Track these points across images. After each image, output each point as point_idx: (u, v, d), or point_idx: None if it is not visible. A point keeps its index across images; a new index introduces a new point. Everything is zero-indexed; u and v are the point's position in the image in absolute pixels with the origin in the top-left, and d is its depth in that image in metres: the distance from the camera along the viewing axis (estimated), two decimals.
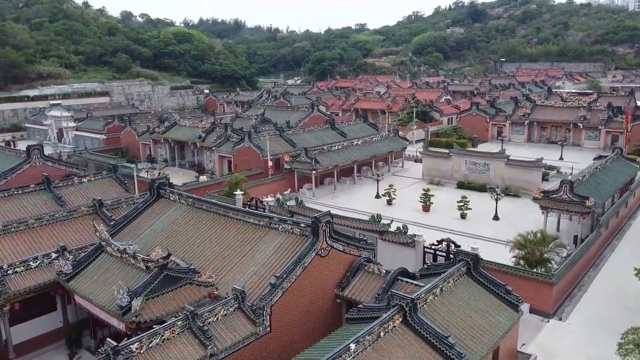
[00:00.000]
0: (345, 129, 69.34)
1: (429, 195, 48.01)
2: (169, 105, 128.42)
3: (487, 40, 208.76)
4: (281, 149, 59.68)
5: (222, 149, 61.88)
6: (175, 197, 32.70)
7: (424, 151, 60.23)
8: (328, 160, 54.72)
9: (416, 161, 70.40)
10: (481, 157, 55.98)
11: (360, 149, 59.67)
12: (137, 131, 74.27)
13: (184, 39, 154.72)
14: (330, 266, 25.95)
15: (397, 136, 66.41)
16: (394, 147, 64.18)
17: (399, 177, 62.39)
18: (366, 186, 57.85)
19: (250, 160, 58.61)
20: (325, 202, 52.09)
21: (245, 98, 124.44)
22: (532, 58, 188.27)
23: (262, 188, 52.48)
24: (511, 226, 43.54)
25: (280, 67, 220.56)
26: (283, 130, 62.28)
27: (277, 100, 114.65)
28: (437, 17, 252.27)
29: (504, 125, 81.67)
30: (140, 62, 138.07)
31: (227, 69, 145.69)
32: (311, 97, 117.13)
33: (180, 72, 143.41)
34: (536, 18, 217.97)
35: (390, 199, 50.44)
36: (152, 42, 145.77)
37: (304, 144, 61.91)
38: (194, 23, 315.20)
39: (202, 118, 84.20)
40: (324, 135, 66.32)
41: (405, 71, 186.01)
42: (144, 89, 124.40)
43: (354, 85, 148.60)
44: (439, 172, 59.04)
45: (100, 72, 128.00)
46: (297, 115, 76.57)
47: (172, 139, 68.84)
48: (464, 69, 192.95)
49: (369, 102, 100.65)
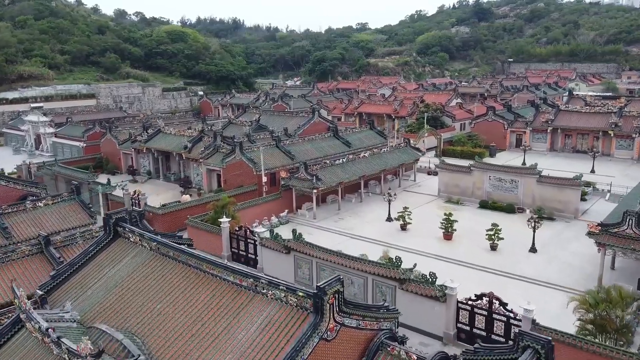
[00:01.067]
0: (349, 138, 61.91)
1: (451, 220, 40.52)
2: (160, 108, 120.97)
3: (494, 39, 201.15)
4: (277, 162, 52.25)
5: (211, 162, 54.48)
6: (136, 239, 25.25)
7: (441, 165, 52.77)
8: (331, 176, 47.28)
9: (429, 173, 63.03)
10: (508, 172, 48.51)
11: (368, 163, 52.20)
12: (118, 139, 66.82)
13: (178, 38, 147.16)
14: (338, 350, 18.47)
15: (409, 146, 58.95)
16: (406, 159, 56.73)
17: (411, 194, 54.93)
18: (375, 205, 50.43)
19: (242, 175, 51.19)
20: (329, 225, 44.68)
21: (241, 100, 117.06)
22: (541, 58, 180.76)
23: (254, 210, 45.06)
24: (552, 261, 36.19)
25: (280, 68, 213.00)
26: (280, 140, 54.86)
27: (275, 102, 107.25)
28: (441, 16, 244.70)
29: (523, 133, 74.22)
30: (131, 62, 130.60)
31: (223, 69, 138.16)
32: (311, 100, 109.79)
33: (173, 73, 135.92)
34: (544, 17, 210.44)
35: (405, 223, 42.97)
36: (144, 41, 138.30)
37: (304, 156, 54.52)
38: (192, 22, 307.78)
39: (192, 123, 76.79)
40: (326, 145, 58.89)
41: (409, 72, 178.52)
42: (134, 90, 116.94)
43: (357, 87, 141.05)
44: (458, 189, 51.61)
45: (87, 72, 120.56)
46: (295, 122, 69.15)
47: (156, 148, 61.38)
48: (471, 69, 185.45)
49: (373, 106, 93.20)
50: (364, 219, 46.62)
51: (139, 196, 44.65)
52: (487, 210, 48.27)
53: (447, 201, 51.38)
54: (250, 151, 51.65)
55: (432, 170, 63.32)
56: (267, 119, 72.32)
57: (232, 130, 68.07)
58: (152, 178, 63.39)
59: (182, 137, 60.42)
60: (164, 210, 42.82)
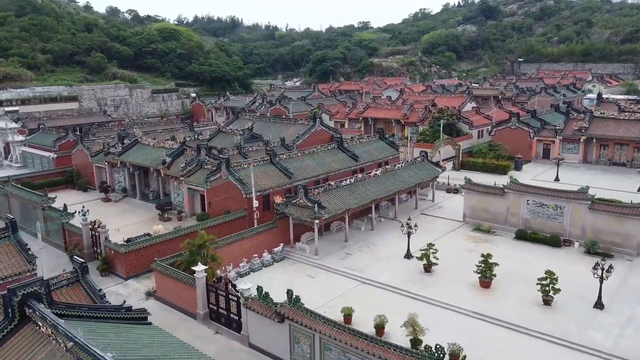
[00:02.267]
0: (357, 150, 53.32)
1: (490, 264, 31.87)
2: (149, 112, 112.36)
3: (502, 38, 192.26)
4: (272, 181, 43.65)
5: (193, 180, 45.93)
6: (48, 330, 16.70)
7: (467, 185, 44.15)
8: (337, 202, 38.67)
9: (448, 191, 54.49)
10: (552, 196, 39.88)
11: (381, 183, 43.57)
12: (91, 150, 58.23)
13: (170, 36, 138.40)
14: None
15: (427, 161, 50.32)
16: (424, 176, 48.10)
17: (431, 219, 46.32)
18: (389, 233, 41.92)
19: (229, 199, 42.62)
20: (334, 265, 36.10)
21: (236, 103, 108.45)
22: (553, 58, 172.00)
23: (242, 245, 36.50)
24: (630, 324, 27.57)
25: (279, 68, 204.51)
26: (275, 155, 46.22)
27: (272, 106, 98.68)
28: (446, 15, 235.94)
29: (552, 142, 65.61)
30: (119, 62, 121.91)
31: (218, 69, 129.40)
32: (312, 103, 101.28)
33: (164, 74, 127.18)
34: (555, 15, 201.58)
35: (429, 264, 34.36)
36: (133, 40, 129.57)
37: (304, 174, 46.00)
38: (189, 21, 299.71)
39: (178, 130, 68.20)
40: (330, 159, 50.27)
41: (414, 72, 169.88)
42: (120, 92, 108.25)
43: (360, 89, 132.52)
44: (488, 214, 43.03)
45: (71, 73, 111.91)
46: (294, 130, 60.59)
47: (131, 163, 52.76)
48: (479, 70, 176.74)
49: (380, 111, 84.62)
50: (377, 254, 37.99)
51: (99, 228, 36.02)
52: (526, 242, 39.73)
53: (475, 229, 42.80)
54: (240, 169, 43.04)
55: (451, 187, 54.78)
56: (262, 127, 63.75)
57: (221, 141, 59.57)
58: (128, 196, 54.81)
59: (161, 149, 51.80)
60: (128, 247, 34.20)
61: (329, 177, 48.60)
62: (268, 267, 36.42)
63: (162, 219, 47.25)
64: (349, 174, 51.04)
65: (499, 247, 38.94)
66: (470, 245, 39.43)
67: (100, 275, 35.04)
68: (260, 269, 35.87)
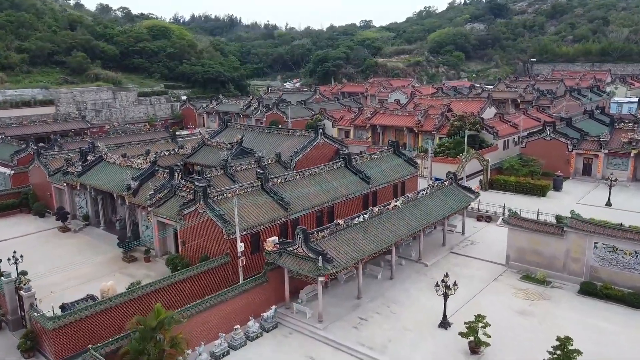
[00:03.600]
0: (368, 169, 43.72)
1: (570, 353, 22.21)
2: (134, 116, 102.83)
3: (513, 37, 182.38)
4: (263, 214, 34.06)
5: (163, 212, 36.37)
6: None
7: (512, 220, 34.54)
8: (347, 249, 29.06)
9: (479, 219, 44.98)
10: (631, 239, 30.29)
11: (402, 218, 33.96)
12: (49, 167, 48.64)
13: (160, 35, 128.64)
14: None
15: (456, 184, 40.76)
16: (454, 205, 38.52)
17: (463, 259, 36.76)
18: (414, 284, 32.54)
19: (207, 238, 33.05)
20: (344, 339, 26.57)
21: (229, 107, 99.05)
22: (568, 58, 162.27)
23: (221, 310, 27.14)
24: None
25: (277, 68, 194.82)
26: (268, 179, 36.60)
27: (269, 111, 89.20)
28: (452, 13, 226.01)
29: (595, 156, 56.00)
30: (103, 62, 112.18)
31: (211, 70, 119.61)
32: (313, 107, 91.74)
33: (152, 75, 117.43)
34: (567, 13, 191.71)
35: (478, 342, 24.75)
36: (120, 38, 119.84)
37: (303, 203, 36.48)
38: (185, 20, 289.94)
39: (157, 142, 58.61)
40: (336, 182, 40.65)
41: (421, 73, 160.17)
42: (102, 95, 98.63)
43: (365, 91, 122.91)
44: (541, 259, 33.49)
45: (49, 74, 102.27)
46: (292, 143, 51.02)
47: (92, 186, 43.18)
48: (490, 70, 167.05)
49: (390, 117, 74.98)
50: (402, 319, 28.41)
51: (22, 290, 26.42)
52: (596, 299, 30.20)
53: (524, 277, 33.24)
54: (221, 199, 33.48)
55: (483, 214, 45.18)
56: (255, 139, 54.19)
57: (206, 156, 50.04)
58: (91, 224, 45.26)
59: (128, 169, 42.19)
60: (59, 321, 24.56)
61: (334, 206, 39.14)
62: (255, 340, 26.91)
63: (126, 259, 37.72)
64: (359, 201, 41.54)
65: (561, 307, 29.45)
66: (523, 305, 29.86)
67: (22, 357, 25.46)
68: (243, 345, 26.36)
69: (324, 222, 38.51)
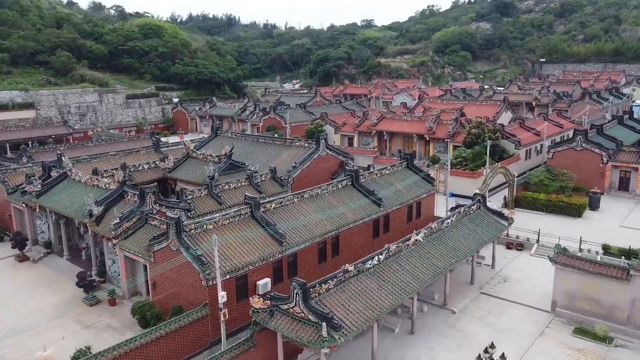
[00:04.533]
0: (379, 188, 37.06)
1: None
2: (122, 120, 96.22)
3: (521, 37, 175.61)
4: (252, 251, 27.41)
5: (131, 246, 29.74)
6: None
7: (559, 257, 27.90)
8: (359, 306, 22.42)
9: (509, 247, 38.43)
10: None
11: (424, 256, 27.30)
12: (7, 184, 41.95)
13: (152, 33, 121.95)
14: None
15: (484, 208, 34.15)
16: (485, 236, 31.86)
17: (497, 303, 30.11)
18: (440, 341, 25.96)
19: (181, 282, 26.42)
20: None
21: (223, 111, 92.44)
22: (579, 58, 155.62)
23: None
24: None
25: (276, 69, 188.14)
26: (258, 205, 29.94)
27: (266, 115, 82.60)
28: (456, 11, 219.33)
29: (634, 169, 49.35)
30: (91, 62, 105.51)
31: (205, 70, 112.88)
32: (313, 111, 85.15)
33: (143, 76, 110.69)
34: (577, 11, 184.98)
35: None
36: (109, 37, 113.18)
37: (301, 234, 29.91)
38: (183, 19, 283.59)
39: (138, 153, 51.92)
40: (342, 206, 33.97)
41: (426, 74, 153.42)
42: (88, 98, 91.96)
43: (368, 93, 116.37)
44: (598, 308, 26.90)
45: (31, 75, 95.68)
46: (290, 155, 44.35)
47: (51, 209, 36.54)
48: (497, 71, 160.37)
49: (398, 123, 68.33)
50: None
51: None
52: None
53: (577, 331, 26.64)
54: (200, 231, 26.90)
55: (514, 241, 38.57)
56: (247, 150, 47.54)
57: (190, 170, 43.45)
58: (54, 252, 38.62)
59: (95, 189, 35.56)
60: None
61: (340, 235, 32.54)
62: None
63: (87, 301, 31.10)
64: (369, 228, 34.98)
65: None
66: None
67: None
68: None
69: (327, 256, 31.98)
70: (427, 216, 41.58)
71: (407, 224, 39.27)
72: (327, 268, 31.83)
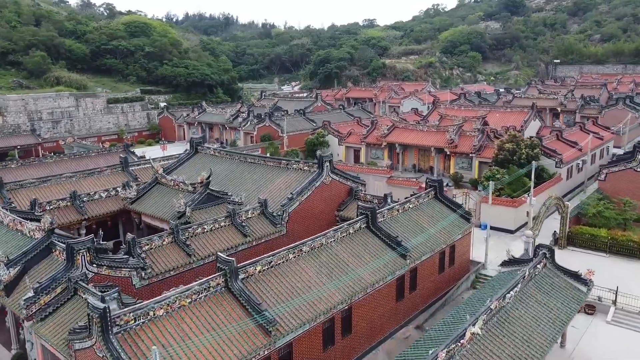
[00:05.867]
0: (401, 230, 27.63)
1: None
2: (102, 128, 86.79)
3: (533, 36, 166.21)
4: (224, 349, 17.87)
5: (48, 333, 20.27)
6: None
7: None
8: None
9: (588, 311, 28.82)
10: None
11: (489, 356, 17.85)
12: None
13: (139, 32, 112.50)
14: None
15: (551, 264, 24.74)
16: (564, 314, 22.34)
17: None
18: None
19: None
20: None
21: (214, 117, 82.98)
22: (597, 59, 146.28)
23: None
24: None
25: (275, 70, 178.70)
26: (236, 272, 20.48)
27: (260, 122, 73.20)
28: (463, 10, 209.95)
29: None
30: (69, 63, 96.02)
31: (196, 72, 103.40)
32: (314, 119, 75.80)
33: (127, 77, 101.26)
34: (591, 10, 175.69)
35: None
36: (92, 36, 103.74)
37: (300, 315, 20.32)
38: (178, 19, 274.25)
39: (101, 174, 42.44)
40: (354, 261, 24.54)
41: (434, 75, 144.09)
42: (62, 103, 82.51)
43: (374, 96, 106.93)
44: None
45: (1, 77, 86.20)
46: (286, 181, 34.85)
47: None
48: (509, 72, 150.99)
49: (412, 133, 58.96)
50: None
51: None
52: None
53: None
54: (144, 322, 17.46)
55: (589, 305, 28.99)
56: (232, 173, 38.06)
57: (156, 202, 34.01)
58: None
59: (17, 236, 26.08)
60: None
61: (353, 306, 23.18)
62: None
63: None
64: (391, 291, 25.72)
65: None
66: None
67: None
68: None
69: (336, 338, 22.63)
70: (462, 262, 32.30)
71: (438, 275, 29.95)
72: (336, 355, 22.49)
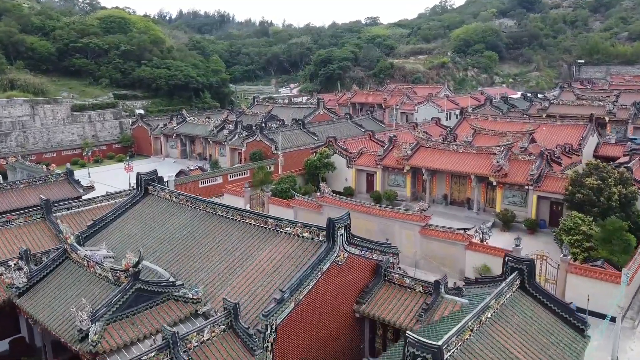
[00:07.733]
0: None
1: None
2: (63, 140, 73.33)
3: (553, 35, 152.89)
4: None
5: None
6: None
7: None
8: None
9: None
10: None
11: None
12: None
13: (117, 27, 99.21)
14: None
15: None
16: None
17: None
18: None
19: None
20: None
21: (195, 129, 69.47)
22: (626, 59, 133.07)
23: None
24: None
25: (272, 70, 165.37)
26: None
27: (250, 136, 59.82)
28: (473, 7, 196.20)
29: None
30: (31, 64, 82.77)
31: (179, 74, 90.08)
32: (316, 132, 62.52)
33: (99, 80, 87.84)
34: (615, 6, 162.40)
35: None
36: (60, 32, 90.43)
37: None
38: (172, 17, 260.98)
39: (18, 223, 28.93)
40: None
41: (447, 77, 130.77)
42: (15, 111, 69.12)
43: (383, 102, 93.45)
44: None
45: None
46: (270, 255, 21.29)
47: None
48: (530, 74, 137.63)
49: (444, 156, 45.49)
50: None
51: None
52: None
53: None
54: None
55: None
56: (190, 236, 24.56)
57: (59, 294, 20.45)
58: None
59: None
60: None
61: None
62: None
63: None
64: None
65: None
66: None
67: None
68: None
69: None
70: None
71: None
72: None
